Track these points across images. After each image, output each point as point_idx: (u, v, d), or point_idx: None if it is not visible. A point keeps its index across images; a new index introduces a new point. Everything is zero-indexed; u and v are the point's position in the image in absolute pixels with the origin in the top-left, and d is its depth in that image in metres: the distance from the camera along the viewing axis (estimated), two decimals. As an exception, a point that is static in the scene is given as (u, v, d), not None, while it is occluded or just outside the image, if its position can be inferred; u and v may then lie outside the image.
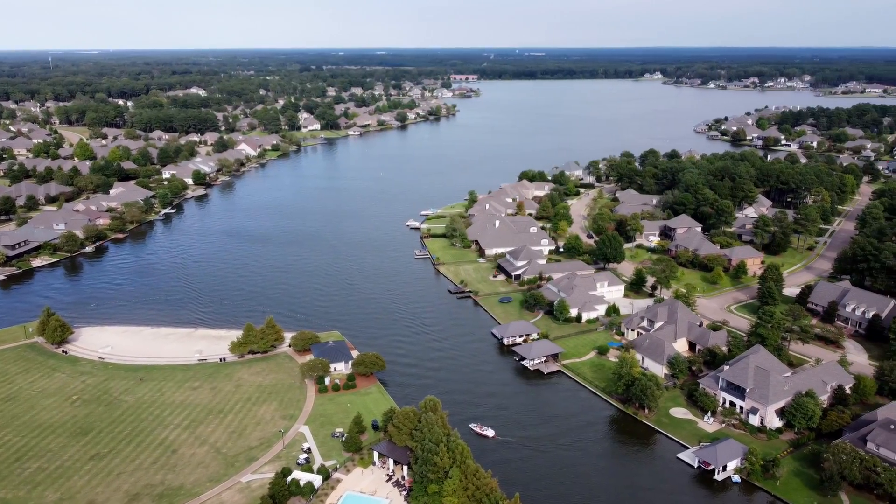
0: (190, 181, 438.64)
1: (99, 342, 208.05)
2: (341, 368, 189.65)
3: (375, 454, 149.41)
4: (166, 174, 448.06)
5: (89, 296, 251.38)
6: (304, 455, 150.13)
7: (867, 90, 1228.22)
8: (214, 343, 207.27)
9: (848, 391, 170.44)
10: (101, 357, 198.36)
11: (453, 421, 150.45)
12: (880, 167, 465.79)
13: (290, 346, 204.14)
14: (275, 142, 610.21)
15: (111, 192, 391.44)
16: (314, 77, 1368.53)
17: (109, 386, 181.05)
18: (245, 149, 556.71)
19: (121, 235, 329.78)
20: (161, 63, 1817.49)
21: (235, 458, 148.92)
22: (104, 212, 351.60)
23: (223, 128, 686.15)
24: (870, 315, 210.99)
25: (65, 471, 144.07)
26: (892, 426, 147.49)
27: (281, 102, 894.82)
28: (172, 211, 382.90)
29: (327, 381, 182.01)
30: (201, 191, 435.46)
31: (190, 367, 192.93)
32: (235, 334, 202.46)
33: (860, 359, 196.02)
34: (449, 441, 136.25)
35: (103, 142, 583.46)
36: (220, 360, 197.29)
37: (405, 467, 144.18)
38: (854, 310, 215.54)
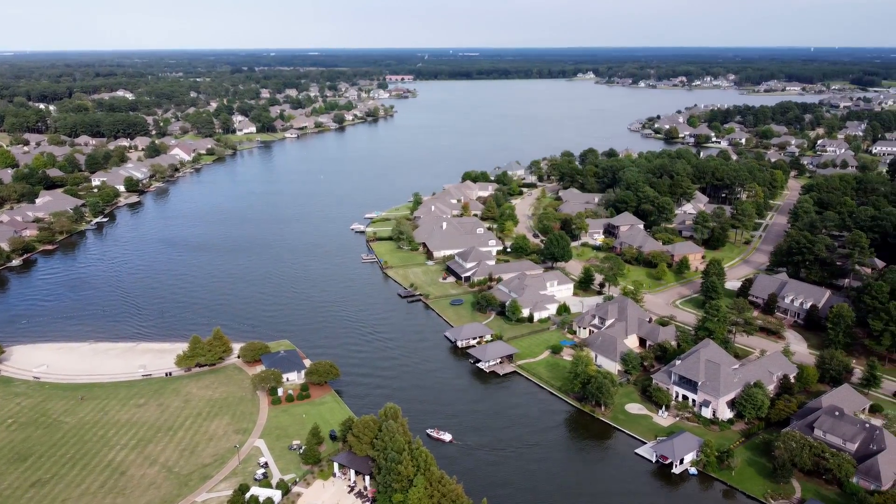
0: (122, 188, 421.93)
1: (33, 361, 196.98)
2: (294, 378, 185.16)
3: (336, 465, 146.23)
4: (96, 181, 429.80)
5: (19, 312, 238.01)
6: (262, 470, 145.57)
7: (787, 88, 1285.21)
8: (159, 357, 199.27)
9: (792, 380, 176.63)
10: (37, 377, 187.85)
11: (411, 428, 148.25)
12: (805, 162, 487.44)
13: (238, 357, 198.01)
14: (209, 146, 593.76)
15: (37, 201, 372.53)
16: (246, 79, 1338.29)
17: (47, 407, 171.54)
18: (179, 153, 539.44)
19: (50, 247, 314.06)
20: (83, 65, 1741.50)
21: (189, 477, 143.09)
22: (31, 222, 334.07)
23: (154, 132, 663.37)
24: (807, 306, 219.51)
25: (4, 500, 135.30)
26: (837, 413, 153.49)
27: (213, 105, 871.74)
28: (105, 220, 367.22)
29: (280, 392, 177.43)
30: (134, 198, 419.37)
31: (134, 383, 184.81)
32: (181, 347, 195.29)
33: (800, 348, 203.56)
34: (412, 449, 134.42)
35: (25, 148, 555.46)
36: (166, 374, 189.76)
37: (367, 477, 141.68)
38: (792, 301, 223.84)
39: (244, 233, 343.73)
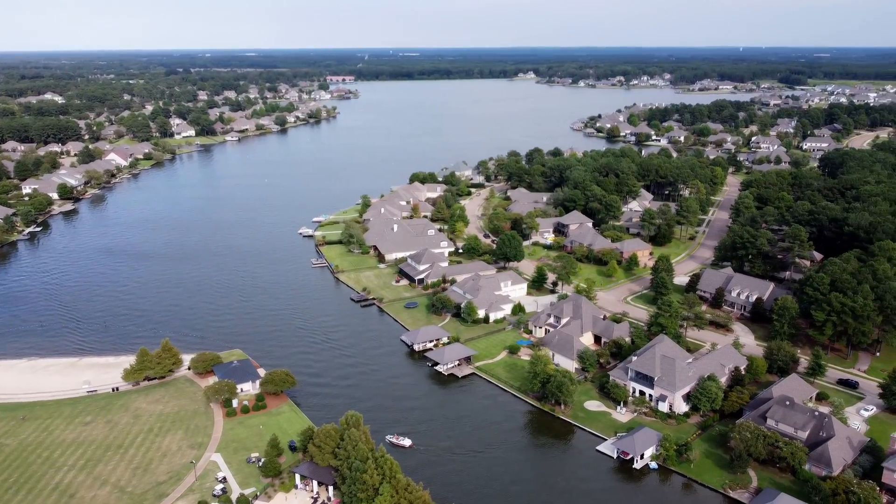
0: (55, 195, 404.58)
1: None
2: (249, 389, 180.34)
3: (297, 477, 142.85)
4: (27, 189, 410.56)
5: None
6: (221, 485, 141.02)
7: (720, 87, 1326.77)
8: (104, 372, 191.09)
9: (743, 372, 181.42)
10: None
11: (372, 435, 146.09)
12: (741, 159, 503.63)
13: (189, 368, 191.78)
14: (147, 150, 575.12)
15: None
16: (182, 80, 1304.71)
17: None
18: (115, 159, 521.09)
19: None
20: (6, 67, 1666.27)
21: (143, 497, 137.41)
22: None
23: (87, 136, 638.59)
24: (753, 299, 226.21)
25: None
26: (787, 402, 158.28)
27: (149, 108, 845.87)
28: (38, 229, 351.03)
29: (235, 403, 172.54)
30: (69, 206, 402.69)
31: (78, 400, 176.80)
32: (128, 360, 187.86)
33: (748, 340, 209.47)
34: (376, 457, 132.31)
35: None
36: (113, 389, 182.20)
37: (330, 488, 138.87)
38: (739, 294, 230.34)
39: (188, 240, 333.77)
